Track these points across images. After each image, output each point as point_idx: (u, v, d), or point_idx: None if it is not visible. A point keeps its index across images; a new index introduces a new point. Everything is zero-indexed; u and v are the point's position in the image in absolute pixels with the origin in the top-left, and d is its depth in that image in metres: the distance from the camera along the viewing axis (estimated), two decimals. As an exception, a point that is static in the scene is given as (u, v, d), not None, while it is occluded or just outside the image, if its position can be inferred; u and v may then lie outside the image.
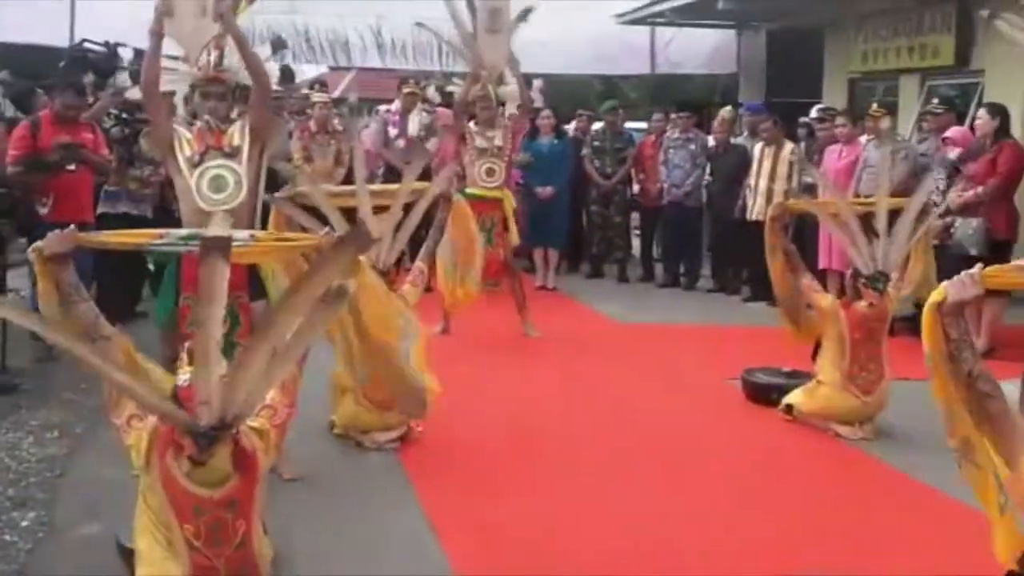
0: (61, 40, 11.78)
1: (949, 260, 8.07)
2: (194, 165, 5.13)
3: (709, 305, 10.74)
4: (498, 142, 8.64)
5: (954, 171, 8.48)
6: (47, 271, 3.80)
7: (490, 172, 8.62)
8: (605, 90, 20.81)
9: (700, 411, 6.79)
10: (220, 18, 5.25)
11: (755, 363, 7.25)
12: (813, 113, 11.12)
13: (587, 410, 6.73)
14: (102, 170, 7.89)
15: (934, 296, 3.27)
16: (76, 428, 6.07)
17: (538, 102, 9.78)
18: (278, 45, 5.58)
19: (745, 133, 11.45)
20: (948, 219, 8.46)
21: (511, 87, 8.86)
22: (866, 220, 6.46)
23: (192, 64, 5.39)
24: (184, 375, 3.30)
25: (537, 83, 9.87)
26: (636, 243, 12.41)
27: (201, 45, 5.35)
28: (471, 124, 8.67)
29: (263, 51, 5.85)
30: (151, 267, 9.47)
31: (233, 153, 5.16)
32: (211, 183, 5.10)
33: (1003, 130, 8.43)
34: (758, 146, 10.67)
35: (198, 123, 5.24)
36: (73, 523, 4.74)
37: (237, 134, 5.20)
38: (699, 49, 16.48)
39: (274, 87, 5.61)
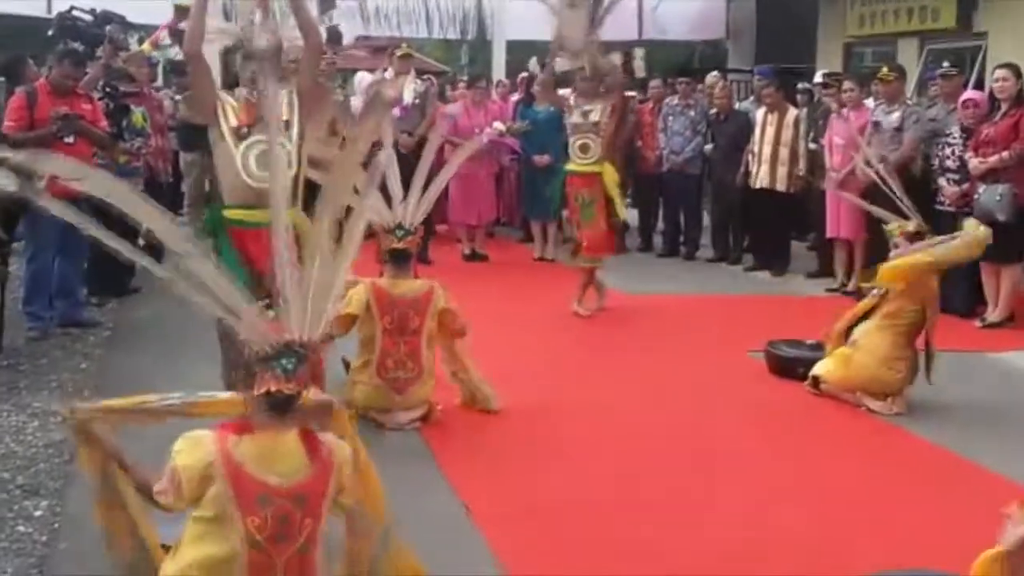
0: (39, 10, 11.42)
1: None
2: (241, 138, 4.84)
3: (711, 275, 10.57)
4: (594, 118, 8.27)
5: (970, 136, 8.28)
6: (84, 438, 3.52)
7: (584, 148, 8.30)
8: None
9: (725, 385, 6.59)
10: None
11: (771, 335, 7.09)
12: (817, 78, 10.93)
13: (608, 385, 6.53)
14: (101, 142, 7.62)
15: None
16: (80, 412, 5.80)
17: (640, 72, 9.36)
18: (327, 5, 5.25)
19: (751, 99, 11.25)
20: (965, 186, 8.31)
21: (612, 58, 8.58)
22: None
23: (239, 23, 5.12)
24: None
25: (639, 52, 9.48)
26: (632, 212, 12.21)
27: (249, 4, 5.08)
28: (571, 97, 8.35)
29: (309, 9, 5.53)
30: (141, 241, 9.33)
31: (284, 128, 4.81)
32: (260, 159, 4.78)
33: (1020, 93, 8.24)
34: (760, 112, 10.48)
35: (241, 90, 4.94)
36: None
37: (286, 106, 4.86)
38: (687, 14, 16.23)
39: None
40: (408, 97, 10.33)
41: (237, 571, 2.92)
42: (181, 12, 7.52)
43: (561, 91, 9.15)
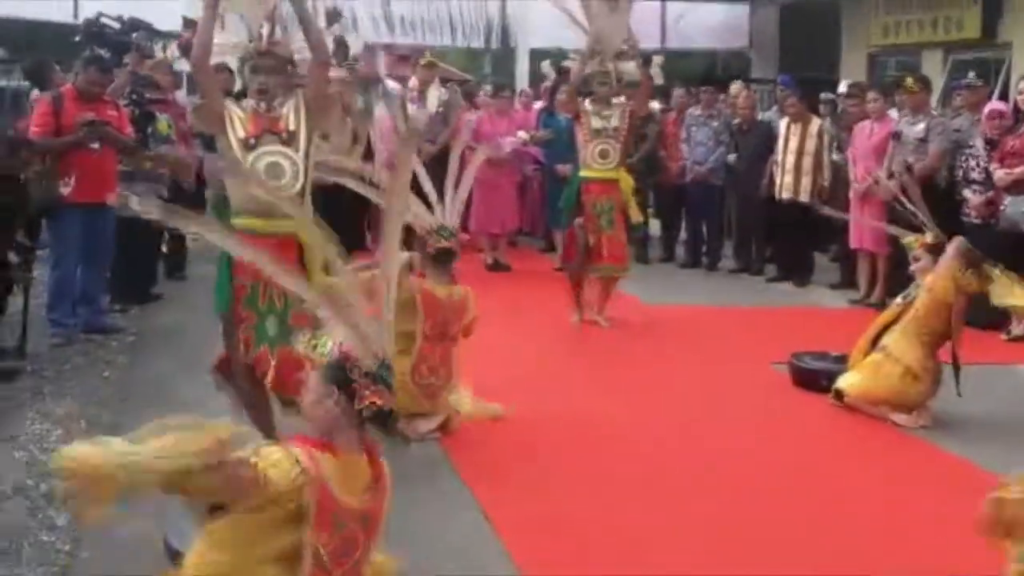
0: (66, 15, 11.49)
1: (999, 238, 7.90)
2: (248, 148, 4.90)
3: (733, 286, 10.53)
4: (614, 123, 8.21)
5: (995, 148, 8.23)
6: None
7: (604, 154, 8.22)
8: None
9: (748, 397, 6.56)
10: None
11: (794, 347, 7.05)
12: (841, 88, 10.89)
13: (630, 397, 6.50)
14: (127, 149, 7.65)
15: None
16: (104, 418, 5.83)
17: (658, 79, 9.35)
18: (333, 17, 5.33)
19: (775, 108, 11.22)
20: (989, 194, 8.27)
21: (631, 64, 8.45)
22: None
23: (250, 37, 5.14)
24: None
25: (657, 59, 9.46)
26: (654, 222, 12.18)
27: (259, 17, 5.11)
28: (586, 103, 8.28)
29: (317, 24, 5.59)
30: (164, 248, 9.36)
31: (289, 139, 4.93)
32: (268, 170, 4.85)
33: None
34: (783, 122, 10.45)
35: (249, 101, 5.01)
36: (112, 521, 4.48)
37: (292, 116, 4.95)
38: (710, 23, 16.27)
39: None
40: (432, 105, 10.34)
41: None
42: (190, 24, 7.55)
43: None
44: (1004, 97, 9.57)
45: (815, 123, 10.22)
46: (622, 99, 8.33)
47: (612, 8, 8.10)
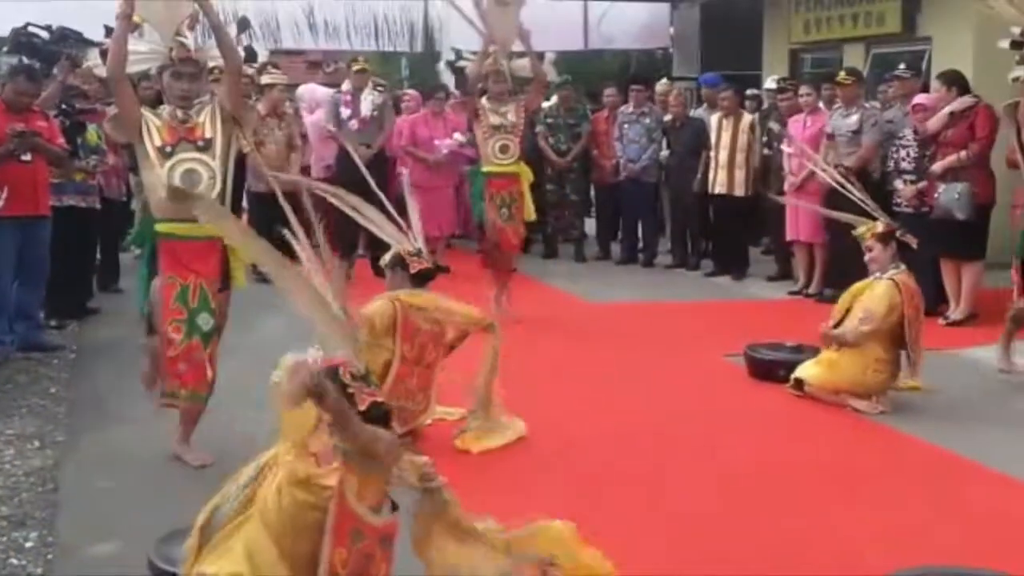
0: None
1: (935, 226, 8.07)
2: (165, 156, 5.01)
3: (671, 281, 10.61)
4: (511, 118, 8.37)
5: (930, 138, 8.40)
6: None
7: (504, 149, 8.36)
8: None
9: (707, 390, 6.60)
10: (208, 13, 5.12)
11: (741, 339, 7.13)
12: (769, 84, 11.04)
13: (589, 396, 6.47)
14: (58, 161, 7.43)
15: None
16: (56, 436, 5.66)
17: (551, 76, 9.51)
18: (243, 25, 5.36)
19: (704, 106, 11.34)
20: (921, 185, 8.44)
21: (523, 61, 8.56)
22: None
23: (164, 45, 5.17)
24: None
25: (550, 56, 9.53)
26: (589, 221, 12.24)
27: (173, 26, 5.15)
28: (483, 100, 8.38)
29: (229, 32, 5.62)
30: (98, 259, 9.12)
31: (206, 146, 5.05)
32: (184, 177, 4.98)
33: (966, 93, 8.38)
34: (715, 118, 10.57)
35: (165, 108, 5.10)
36: (82, 542, 4.36)
37: (208, 124, 5.07)
38: (632, 23, 16.37)
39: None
40: (366, 110, 10.25)
41: None
42: (111, 32, 7.38)
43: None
44: (925, 90, 9.75)
45: (746, 118, 10.37)
46: (518, 95, 8.53)
47: (504, 8, 8.21)
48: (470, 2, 8.34)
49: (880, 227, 6.33)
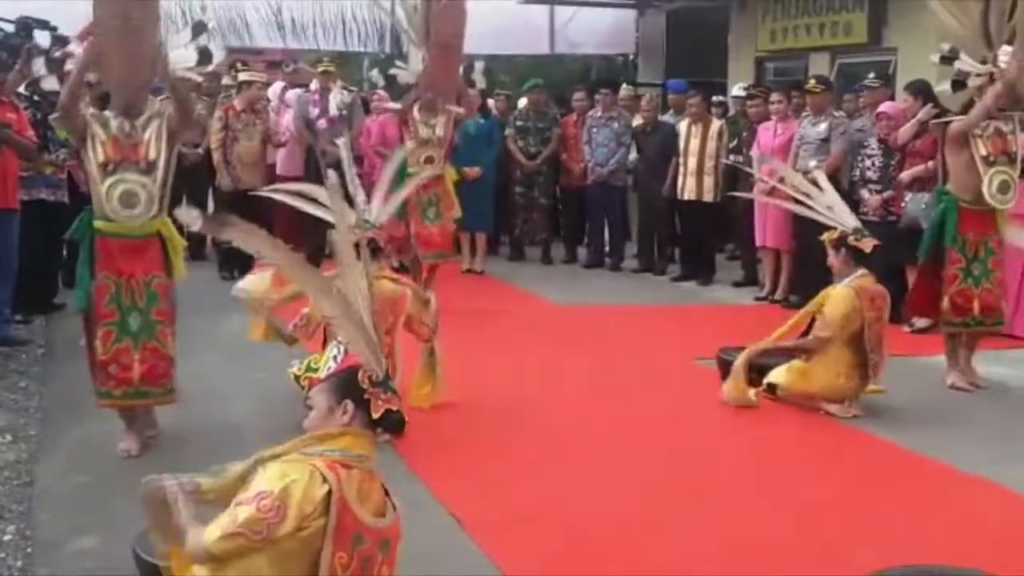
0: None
1: (902, 234, 8.17)
2: (107, 173, 5.07)
3: (638, 285, 10.66)
4: (439, 132, 8.82)
5: (899, 148, 8.51)
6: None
7: (429, 160, 8.79)
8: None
9: (680, 393, 6.67)
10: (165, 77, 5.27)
11: (710, 343, 7.18)
12: (737, 91, 11.13)
13: (564, 398, 6.51)
14: (27, 154, 7.36)
15: None
16: (29, 430, 5.62)
17: (480, 84, 9.73)
18: (199, 29, 5.41)
19: (671, 112, 11.42)
20: (887, 194, 8.55)
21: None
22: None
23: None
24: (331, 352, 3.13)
25: (479, 65, 9.69)
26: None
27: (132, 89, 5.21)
28: (415, 111, 8.73)
29: (184, 35, 5.61)
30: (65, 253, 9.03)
31: (148, 169, 5.12)
32: (122, 197, 5.07)
33: (933, 102, 8.49)
34: (683, 124, 10.64)
35: (112, 117, 5.13)
36: (62, 535, 4.32)
37: (154, 143, 5.15)
38: (598, 29, 16.42)
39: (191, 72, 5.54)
40: (334, 109, 10.24)
41: None
42: (59, 41, 7.32)
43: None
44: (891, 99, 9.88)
45: (715, 124, 10.45)
46: (450, 108, 8.91)
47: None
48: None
49: (836, 235, 6.40)
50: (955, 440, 5.79)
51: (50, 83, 5.61)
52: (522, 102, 11.83)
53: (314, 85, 10.53)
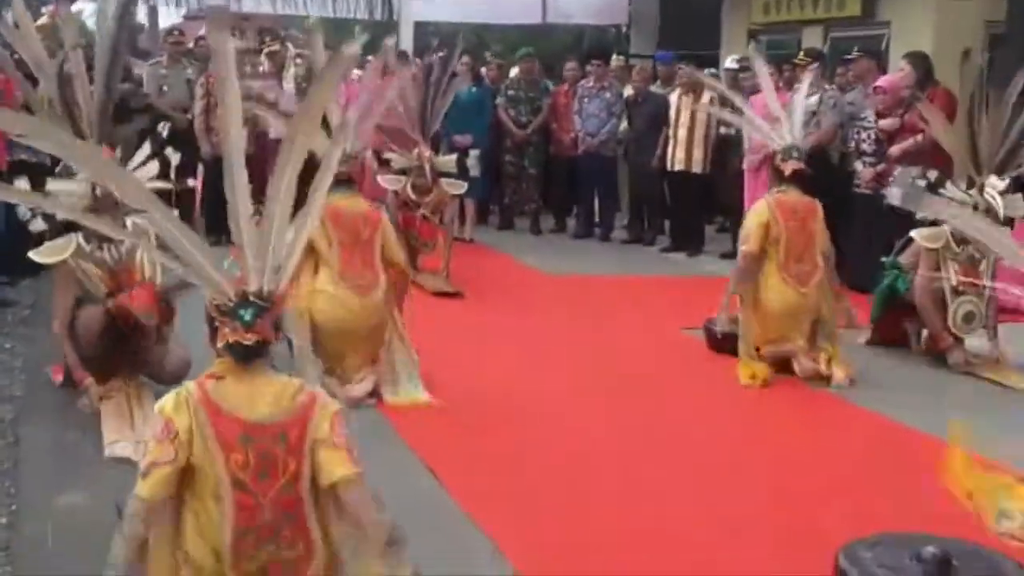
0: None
1: (887, 208, 8.16)
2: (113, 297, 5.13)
3: (627, 256, 10.67)
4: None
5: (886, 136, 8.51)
6: None
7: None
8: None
9: (666, 361, 6.70)
10: None
11: (698, 313, 7.19)
12: (729, 63, 11.09)
13: (555, 367, 6.49)
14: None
15: None
16: (14, 391, 5.62)
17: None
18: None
19: (658, 82, 11.38)
20: (880, 167, 8.55)
21: (448, 158, 9.13)
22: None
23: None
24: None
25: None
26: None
27: None
28: (408, 190, 8.64)
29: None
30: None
31: None
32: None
33: (929, 77, 8.49)
34: (675, 95, 10.62)
35: (92, 250, 5.22)
36: (48, 493, 4.32)
37: (147, 265, 5.25)
38: (589, 0, 16.33)
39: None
40: (290, 87, 10.21)
41: (226, 512, 2.90)
42: None
43: None
44: (883, 74, 9.86)
45: (706, 95, 10.41)
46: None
47: None
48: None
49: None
50: (945, 412, 5.77)
51: None
52: (514, 71, 11.78)
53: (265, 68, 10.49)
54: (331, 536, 3.04)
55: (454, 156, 9.21)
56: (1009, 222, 6.59)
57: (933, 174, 7.02)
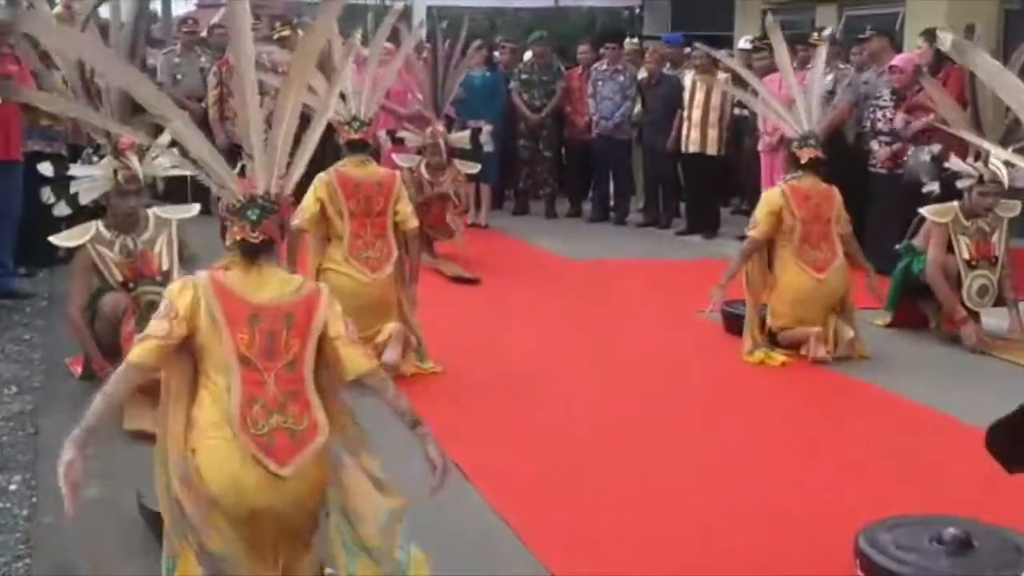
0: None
1: (904, 188, 8.13)
2: (128, 290, 5.27)
3: (644, 239, 10.65)
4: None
5: (901, 100, 8.46)
6: None
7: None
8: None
9: (682, 344, 6.70)
10: None
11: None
12: (743, 44, 11.03)
13: (573, 351, 6.49)
14: (27, 106, 7.27)
15: None
16: (34, 382, 5.63)
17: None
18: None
19: (668, 64, 11.32)
20: (896, 146, 8.50)
21: (462, 134, 9.37)
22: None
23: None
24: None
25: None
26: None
27: None
28: (422, 169, 8.66)
29: None
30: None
31: (165, 279, 5.22)
32: (146, 307, 5.07)
33: (943, 54, 8.42)
34: (689, 76, 10.57)
35: (113, 237, 5.31)
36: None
37: (165, 255, 5.36)
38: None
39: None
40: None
41: (233, 385, 3.05)
42: None
43: None
44: (899, 53, 9.80)
45: (721, 77, 10.35)
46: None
47: None
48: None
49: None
50: (960, 392, 5.76)
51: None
52: (527, 55, 11.75)
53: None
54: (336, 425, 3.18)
55: (467, 132, 9.23)
56: (1014, 192, 6.58)
57: (936, 148, 6.97)
